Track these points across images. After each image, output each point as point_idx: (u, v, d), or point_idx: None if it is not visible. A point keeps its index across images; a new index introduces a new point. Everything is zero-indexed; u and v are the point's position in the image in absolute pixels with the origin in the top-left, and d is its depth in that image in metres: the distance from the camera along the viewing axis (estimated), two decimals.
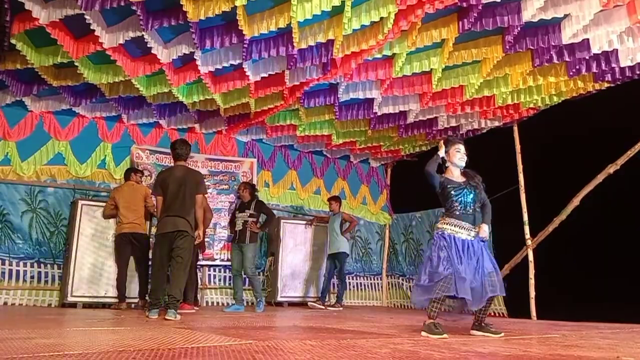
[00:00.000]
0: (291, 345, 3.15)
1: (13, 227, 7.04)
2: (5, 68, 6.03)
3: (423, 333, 3.98)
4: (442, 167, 4.44)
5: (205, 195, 5.71)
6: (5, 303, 6.73)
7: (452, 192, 4.23)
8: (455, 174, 4.37)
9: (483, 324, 4.17)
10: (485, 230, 4.20)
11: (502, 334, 4.07)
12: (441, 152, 4.38)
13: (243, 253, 6.96)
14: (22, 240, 7.08)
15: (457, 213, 4.19)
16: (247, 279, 7.47)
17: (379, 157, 10.03)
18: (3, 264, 6.86)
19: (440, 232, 4.20)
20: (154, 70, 6.08)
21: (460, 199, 4.21)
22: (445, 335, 3.85)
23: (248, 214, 7.06)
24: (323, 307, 7.88)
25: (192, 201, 5.42)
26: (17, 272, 6.91)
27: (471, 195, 4.24)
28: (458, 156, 4.35)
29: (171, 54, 5.72)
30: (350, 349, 3.03)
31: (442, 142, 4.49)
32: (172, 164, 5.75)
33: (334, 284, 8.52)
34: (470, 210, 4.21)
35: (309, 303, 8.10)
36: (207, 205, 6.71)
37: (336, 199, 8.57)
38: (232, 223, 7.32)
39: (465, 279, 3.91)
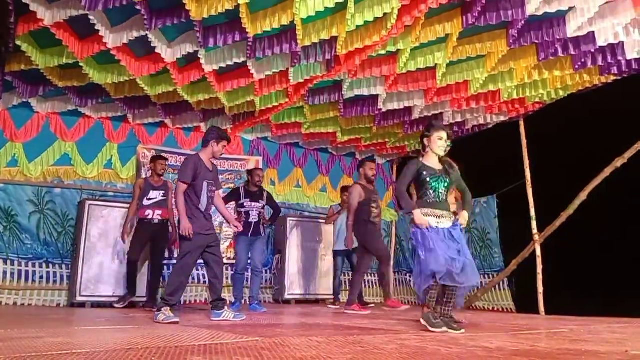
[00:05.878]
0: (298, 341, 3.15)
1: (21, 227, 7.08)
2: (11, 69, 6.06)
3: (422, 321, 3.95)
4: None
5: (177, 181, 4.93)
6: (15, 303, 6.77)
7: (428, 179, 4.17)
8: (433, 161, 4.29)
9: (448, 320, 4.04)
10: (465, 217, 4.17)
11: (463, 331, 3.93)
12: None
13: (255, 247, 6.62)
14: (31, 240, 7.11)
15: (430, 201, 4.15)
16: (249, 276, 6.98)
17: (385, 154, 9.99)
18: (12, 264, 6.90)
19: (415, 228, 4.11)
20: (158, 70, 6.08)
21: (434, 186, 4.17)
22: (444, 329, 3.83)
23: (262, 205, 6.76)
24: (338, 307, 7.38)
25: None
26: (26, 272, 6.95)
27: (445, 184, 4.20)
28: (439, 144, 4.25)
29: (175, 52, 5.72)
30: (357, 345, 3.03)
31: None
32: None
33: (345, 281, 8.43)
34: (444, 198, 4.18)
35: (329, 306, 7.69)
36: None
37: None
38: (244, 213, 6.68)
39: (455, 262, 3.90)
